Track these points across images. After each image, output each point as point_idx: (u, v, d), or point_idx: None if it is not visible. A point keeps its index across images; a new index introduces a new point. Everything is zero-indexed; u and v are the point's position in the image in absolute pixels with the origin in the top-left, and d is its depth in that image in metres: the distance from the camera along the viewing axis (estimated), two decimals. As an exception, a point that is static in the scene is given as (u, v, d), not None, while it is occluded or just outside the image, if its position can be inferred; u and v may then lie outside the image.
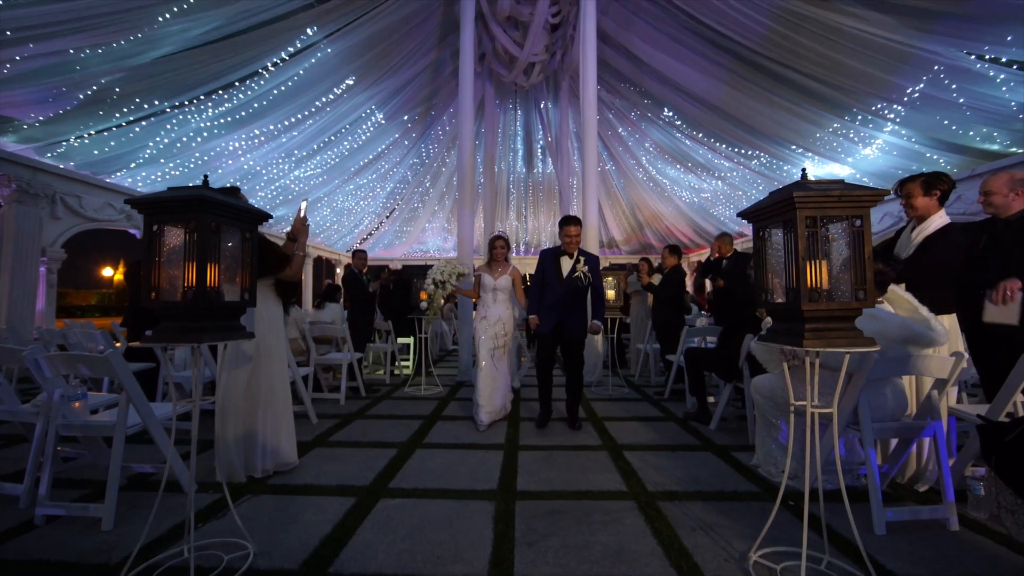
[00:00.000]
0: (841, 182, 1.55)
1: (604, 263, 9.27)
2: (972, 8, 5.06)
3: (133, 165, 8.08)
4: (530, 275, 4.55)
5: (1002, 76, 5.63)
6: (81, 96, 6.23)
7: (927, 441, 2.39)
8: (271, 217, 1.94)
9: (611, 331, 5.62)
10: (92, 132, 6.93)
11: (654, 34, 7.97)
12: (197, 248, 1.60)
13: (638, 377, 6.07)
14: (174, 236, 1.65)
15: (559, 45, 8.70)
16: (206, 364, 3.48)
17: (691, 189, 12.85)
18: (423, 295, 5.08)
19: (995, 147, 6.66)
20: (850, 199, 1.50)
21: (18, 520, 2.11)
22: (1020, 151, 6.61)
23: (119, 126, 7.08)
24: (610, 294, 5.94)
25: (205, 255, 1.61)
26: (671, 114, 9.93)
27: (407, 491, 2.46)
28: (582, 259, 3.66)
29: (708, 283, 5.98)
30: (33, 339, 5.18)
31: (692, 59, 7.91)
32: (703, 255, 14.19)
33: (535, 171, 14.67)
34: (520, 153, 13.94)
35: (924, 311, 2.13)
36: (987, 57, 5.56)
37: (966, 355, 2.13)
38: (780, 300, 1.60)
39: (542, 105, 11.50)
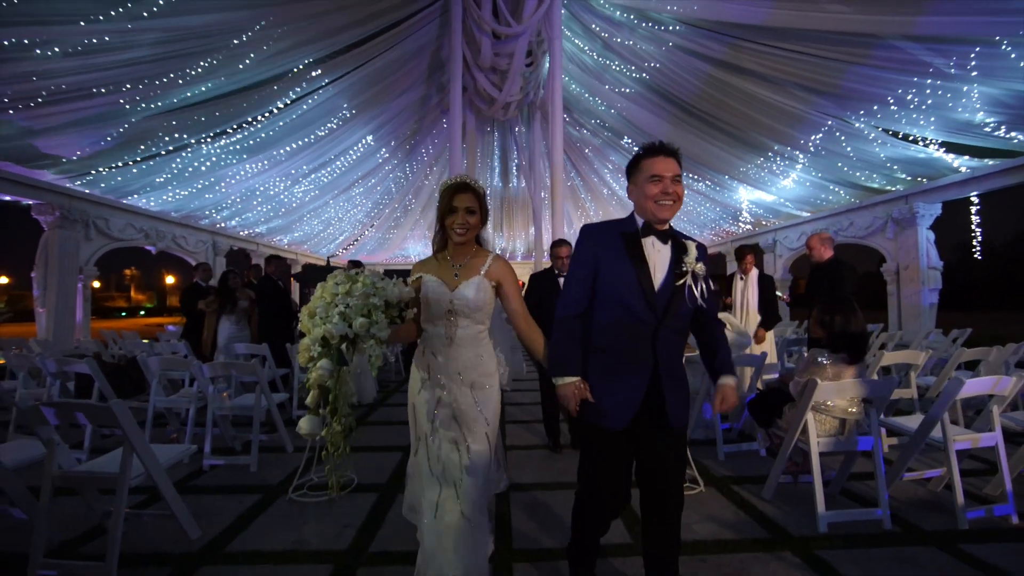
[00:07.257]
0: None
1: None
2: (845, 91, 6.68)
3: (149, 188, 8.94)
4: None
5: (872, 135, 7.32)
6: (116, 135, 7.13)
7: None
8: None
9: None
10: (119, 164, 7.81)
11: (612, 81, 9.43)
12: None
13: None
14: (310, 291, 2.88)
15: (532, 86, 10.05)
16: (269, 366, 4.64)
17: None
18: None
19: (875, 185, 8.42)
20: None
21: (191, 470, 3.28)
22: (897, 188, 8.38)
23: (144, 158, 7.97)
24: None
25: (332, 305, 2.86)
26: (630, 141, 11.44)
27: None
28: (691, 245, 1.63)
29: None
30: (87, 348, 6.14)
31: (643, 103, 9.40)
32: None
33: (510, 186, 16.03)
34: (497, 170, 15.26)
35: (740, 327, 3.66)
36: (862, 122, 7.24)
37: (767, 353, 3.61)
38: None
39: (517, 130, 12.84)
